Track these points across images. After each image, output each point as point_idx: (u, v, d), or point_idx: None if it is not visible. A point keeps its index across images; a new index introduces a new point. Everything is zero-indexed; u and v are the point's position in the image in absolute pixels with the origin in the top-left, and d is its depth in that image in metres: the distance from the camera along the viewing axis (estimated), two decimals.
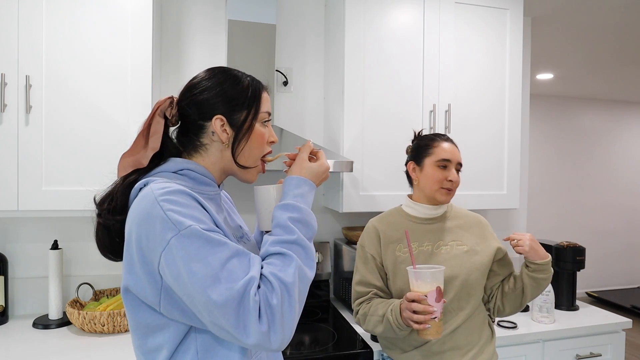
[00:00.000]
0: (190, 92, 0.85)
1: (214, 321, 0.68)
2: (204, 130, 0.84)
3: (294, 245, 0.77)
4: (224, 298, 0.67)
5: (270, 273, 0.72)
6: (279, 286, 0.71)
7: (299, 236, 0.78)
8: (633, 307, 4.71)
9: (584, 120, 5.37)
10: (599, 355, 1.81)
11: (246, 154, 0.86)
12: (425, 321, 1.09)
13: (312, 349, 1.52)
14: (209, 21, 1.99)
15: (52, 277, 1.67)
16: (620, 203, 5.56)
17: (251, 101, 0.85)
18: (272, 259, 0.75)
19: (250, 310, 0.67)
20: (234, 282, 0.68)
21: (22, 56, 1.45)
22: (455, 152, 1.33)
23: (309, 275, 0.77)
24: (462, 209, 1.43)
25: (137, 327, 0.78)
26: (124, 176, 0.83)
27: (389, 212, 1.42)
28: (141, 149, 0.82)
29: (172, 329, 0.75)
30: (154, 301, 0.74)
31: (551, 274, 1.28)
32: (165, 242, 0.69)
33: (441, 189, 1.30)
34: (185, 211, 0.71)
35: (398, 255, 1.31)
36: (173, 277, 0.69)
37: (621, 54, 3.31)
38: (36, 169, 1.47)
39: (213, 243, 0.70)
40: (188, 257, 0.68)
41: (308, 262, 0.78)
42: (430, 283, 1.11)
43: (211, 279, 0.67)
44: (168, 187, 0.73)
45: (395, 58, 1.90)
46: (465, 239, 1.34)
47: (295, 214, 0.80)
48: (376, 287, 1.32)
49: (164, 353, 0.76)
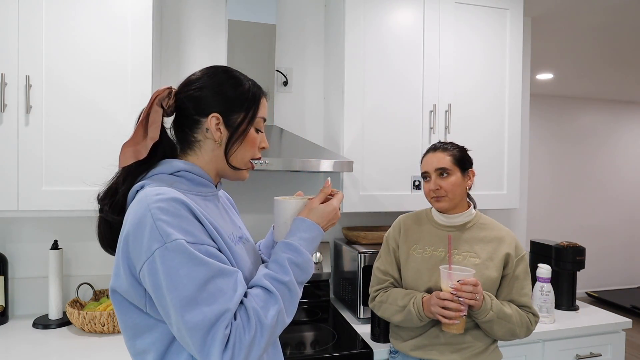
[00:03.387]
0: (190, 86, 0.85)
1: (181, 337, 0.70)
2: (199, 126, 0.84)
3: (284, 286, 0.77)
4: (195, 321, 0.67)
5: (252, 307, 0.72)
6: (255, 324, 0.71)
7: (291, 279, 0.78)
8: (633, 307, 4.71)
9: (584, 120, 5.37)
10: (599, 355, 1.81)
11: (239, 156, 0.87)
12: (455, 317, 1.17)
13: (312, 349, 1.52)
14: (208, 21, 1.99)
15: (52, 277, 1.67)
16: (620, 203, 5.56)
17: (250, 105, 0.85)
18: (259, 291, 0.75)
19: (217, 341, 0.67)
20: (211, 305, 0.68)
21: (22, 56, 1.45)
22: (431, 160, 1.35)
23: (287, 320, 0.78)
24: (492, 222, 1.39)
25: (126, 328, 0.78)
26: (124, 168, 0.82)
27: (418, 212, 1.48)
28: (141, 139, 0.82)
29: (160, 330, 0.75)
30: (140, 302, 0.74)
31: (488, 317, 1.22)
32: (150, 252, 0.69)
33: (431, 198, 1.36)
34: (174, 222, 0.71)
35: (412, 254, 1.38)
36: (152, 287, 0.70)
37: (621, 54, 3.31)
38: (36, 169, 1.47)
39: (196, 261, 0.70)
40: (169, 271, 0.68)
41: (290, 307, 0.78)
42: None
43: (187, 300, 0.68)
44: (162, 194, 0.73)
45: (395, 58, 1.90)
46: (481, 251, 1.33)
47: (295, 256, 0.81)
48: (393, 277, 1.41)
49: (152, 355, 0.76)
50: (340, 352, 1.48)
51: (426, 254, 1.36)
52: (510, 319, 1.25)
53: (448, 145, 1.36)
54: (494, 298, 1.26)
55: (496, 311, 1.23)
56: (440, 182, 1.32)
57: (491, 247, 1.33)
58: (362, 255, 1.77)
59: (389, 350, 1.49)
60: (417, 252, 1.37)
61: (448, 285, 1.19)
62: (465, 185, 1.35)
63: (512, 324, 1.25)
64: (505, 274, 1.32)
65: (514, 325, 1.26)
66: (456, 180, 1.32)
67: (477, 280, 1.18)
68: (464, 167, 1.34)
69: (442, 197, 1.33)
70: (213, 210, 0.85)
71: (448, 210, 1.36)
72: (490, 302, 1.23)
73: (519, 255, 1.33)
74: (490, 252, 1.32)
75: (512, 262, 1.31)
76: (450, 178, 1.32)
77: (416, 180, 1.93)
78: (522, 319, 1.28)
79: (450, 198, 1.32)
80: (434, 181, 1.33)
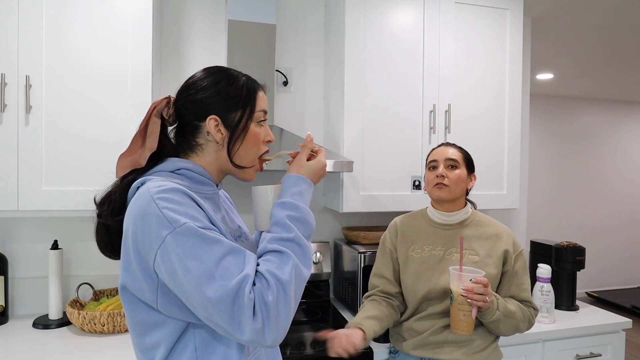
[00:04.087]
0: (186, 92, 0.85)
1: (209, 317, 0.69)
2: (199, 131, 0.84)
3: (292, 243, 0.77)
4: (218, 295, 0.67)
5: (266, 270, 0.72)
6: (275, 283, 0.71)
7: (297, 234, 0.78)
8: (633, 307, 4.71)
9: (584, 121, 5.37)
10: (599, 355, 1.81)
11: (242, 154, 0.86)
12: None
13: (312, 349, 1.52)
14: (208, 21, 1.99)
15: (52, 277, 1.67)
16: (620, 203, 5.56)
17: (246, 101, 0.85)
18: (270, 256, 0.76)
19: (245, 308, 0.68)
20: (228, 279, 0.68)
21: (22, 56, 1.45)
22: (443, 151, 1.37)
23: (305, 273, 0.78)
24: (488, 219, 1.41)
25: (134, 325, 0.78)
26: (123, 177, 0.83)
27: (414, 213, 1.49)
28: (138, 149, 0.83)
29: (169, 326, 0.76)
30: (151, 298, 0.74)
31: (495, 317, 1.23)
32: (161, 240, 0.69)
33: (434, 185, 1.36)
34: (180, 209, 0.71)
35: (410, 254, 1.39)
36: (168, 275, 0.70)
37: (621, 54, 3.31)
38: (36, 169, 1.47)
39: (208, 240, 0.70)
40: (183, 254, 0.68)
41: (305, 260, 0.78)
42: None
43: (206, 277, 0.68)
44: (164, 186, 0.74)
45: (395, 58, 1.90)
46: (479, 249, 1.34)
47: (293, 212, 0.81)
48: (386, 279, 1.41)
49: (161, 350, 0.76)
50: None
51: (425, 253, 1.37)
52: (515, 316, 1.27)
53: (458, 146, 1.41)
54: (499, 297, 1.27)
55: (502, 310, 1.24)
56: (447, 172, 1.34)
57: (489, 244, 1.34)
58: (362, 255, 1.77)
59: (389, 350, 1.49)
60: (416, 253, 1.38)
61: (459, 287, 1.18)
62: (466, 185, 1.38)
63: (517, 320, 1.28)
64: (504, 270, 1.34)
65: (518, 321, 1.28)
66: (462, 175, 1.35)
67: (487, 281, 1.19)
68: (470, 169, 1.39)
69: (445, 187, 1.34)
70: (214, 208, 0.85)
71: (444, 204, 1.38)
72: (496, 301, 1.24)
73: (516, 251, 1.35)
74: (488, 249, 1.34)
75: (510, 259, 1.34)
76: (457, 171, 1.35)
77: (416, 180, 1.93)
78: (525, 314, 1.31)
79: (452, 190, 1.34)
80: (442, 170, 1.34)
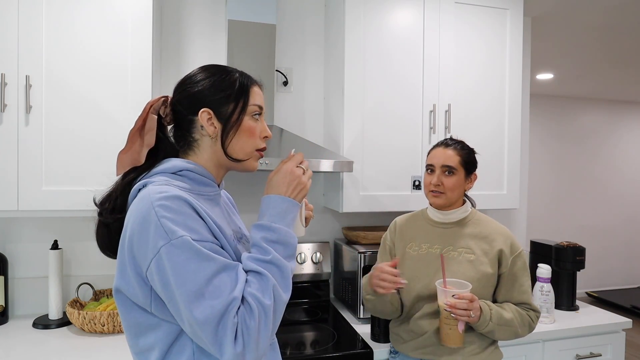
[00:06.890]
0: (181, 87, 0.86)
1: (194, 333, 0.70)
2: (194, 125, 0.85)
3: (270, 265, 0.77)
4: (204, 316, 0.68)
5: (249, 294, 0.73)
6: (256, 307, 0.72)
7: (275, 256, 0.77)
8: (633, 307, 4.71)
9: (584, 120, 5.37)
10: (599, 355, 1.81)
11: (237, 147, 0.86)
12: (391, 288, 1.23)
13: (312, 349, 1.52)
14: (208, 21, 1.99)
15: (52, 277, 1.67)
16: (620, 203, 5.56)
17: (239, 94, 0.85)
18: (251, 277, 0.75)
19: (227, 332, 0.68)
20: (217, 298, 0.69)
21: (22, 56, 1.45)
22: (440, 155, 1.34)
23: (284, 297, 0.77)
24: (487, 219, 1.40)
25: (129, 327, 0.78)
26: (124, 175, 0.83)
27: (414, 213, 1.49)
28: (137, 146, 0.83)
29: (164, 329, 0.76)
30: (145, 302, 0.75)
31: (488, 328, 1.22)
32: (156, 250, 0.70)
33: (430, 192, 1.36)
34: (179, 219, 0.71)
35: (408, 252, 1.40)
36: (161, 285, 0.70)
37: (621, 54, 3.31)
38: (36, 169, 1.47)
39: (202, 257, 0.70)
40: (176, 268, 0.69)
41: (283, 283, 0.77)
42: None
43: (194, 295, 0.68)
44: (165, 192, 0.73)
45: (395, 58, 1.90)
46: (475, 248, 1.33)
47: (269, 234, 0.79)
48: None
49: (155, 353, 0.76)
50: (340, 352, 1.48)
51: (422, 251, 1.37)
52: (511, 323, 1.25)
53: (459, 144, 1.36)
54: (493, 306, 1.24)
55: (496, 320, 1.22)
56: (443, 179, 1.33)
57: (485, 244, 1.34)
58: (362, 255, 1.77)
59: (389, 350, 1.49)
60: (413, 250, 1.38)
61: (443, 302, 1.19)
62: (464, 187, 1.37)
63: (514, 327, 1.25)
64: (501, 272, 1.32)
65: (516, 328, 1.26)
66: (458, 181, 1.33)
67: (472, 296, 1.18)
68: (469, 170, 1.36)
69: (441, 194, 1.33)
70: (215, 209, 0.85)
71: (443, 208, 1.38)
72: (489, 312, 1.22)
73: (514, 253, 1.32)
74: (484, 248, 1.33)
75: (506, 260, 1.31)
76: (453, 177, 1.32)
77: (416, 180, 1.93)
78: (523, 319, 1.28)
79: (448, 197, 1.34)
80: (438, 177, 1.33)
